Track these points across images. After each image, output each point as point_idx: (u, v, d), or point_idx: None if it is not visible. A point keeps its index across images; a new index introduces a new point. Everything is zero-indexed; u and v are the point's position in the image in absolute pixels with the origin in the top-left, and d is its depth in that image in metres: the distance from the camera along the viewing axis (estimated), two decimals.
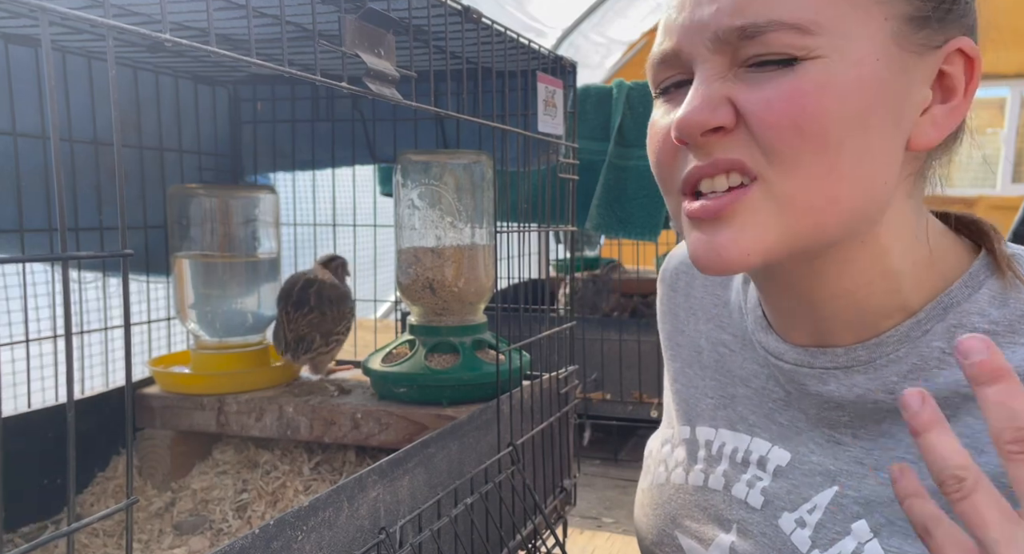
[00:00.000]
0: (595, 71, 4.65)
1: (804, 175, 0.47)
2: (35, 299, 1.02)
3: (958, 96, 0.49)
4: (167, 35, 0.43)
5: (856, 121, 0.47)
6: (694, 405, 0.67)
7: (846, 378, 0.53)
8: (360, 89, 0.59)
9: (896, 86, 0.47)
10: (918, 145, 0.49)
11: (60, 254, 0.37)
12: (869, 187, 0.48)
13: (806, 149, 0.47)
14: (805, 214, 0.48)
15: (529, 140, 0.94)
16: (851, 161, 0.47)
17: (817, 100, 0.46)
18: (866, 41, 0.47)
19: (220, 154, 1.24)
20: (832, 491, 0.53)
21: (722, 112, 0.48)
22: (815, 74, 0.46)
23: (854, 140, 0.47)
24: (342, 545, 0.62)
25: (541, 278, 2.66)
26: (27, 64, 0.93)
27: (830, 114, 0.46)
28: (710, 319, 0.67)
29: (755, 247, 0.49)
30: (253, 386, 1.04)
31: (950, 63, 0.48)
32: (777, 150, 0.47)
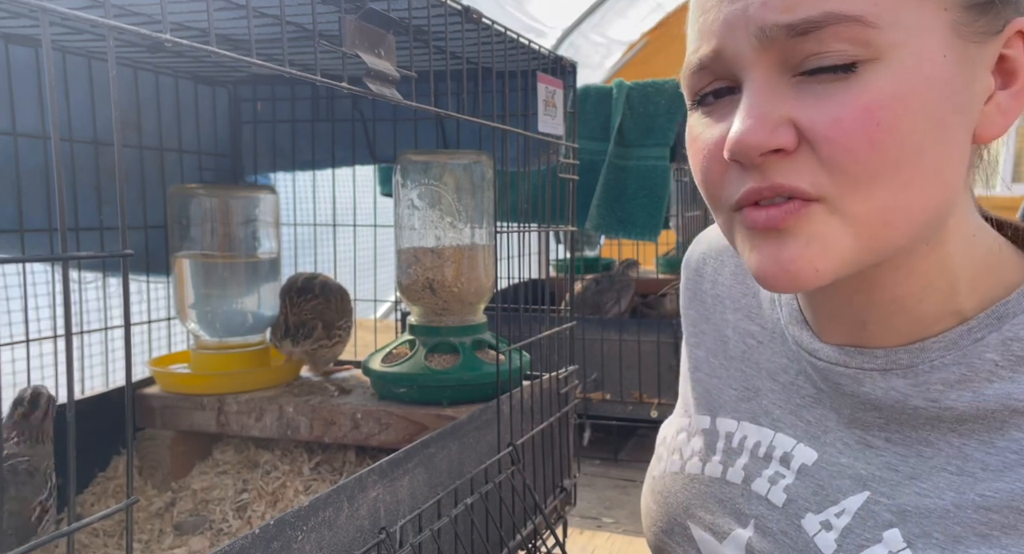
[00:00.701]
0: (595, 71, 4.65)
1: (879, 194, 0.44)
2: (35, 299, 1.02)
3: (1020, 79, 0.46)
4: (167, 35, 0.43)
5: (932, 125, 0.43)
6: (716, 395, 0.65)
7: (883, 380, 0.51)
8: (360, 89, 0.59)
9: (963, 80, 0.44)
10: (986, 136, 0.46)
11: (60, 254, 0.37)
12: (943, 190, 0.45)
13: (884, 166, 0.43)
14: (878, 230, 0.45)
15: (529, 140, 0.94)
16: (930, 169, 0.44)
17: (892, 111, 0.42)
18: (931, 35, 0.43)
19: (220, 154, 1.24)
20: (863, 496, 0.51)
21: (782, 133, 0.44)
22: (884, 80, 0.42)
23: (933, 146, 0.44)
24: (342, 545, 0.62)
25: (541, 278, 2.66)
26: (27, 64, 0.93)
27: (907, 124, 0.42)
28: (739, 309, 0.65)
29: (827, 263, 0.45)
30: (253, 386, 1.04)
31: (1011, 46, 0.46)
32: (849, 172, 0.43)
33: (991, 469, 0.47)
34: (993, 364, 0.47)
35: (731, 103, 0.47)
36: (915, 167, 0.43)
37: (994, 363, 0.47)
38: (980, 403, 0.47)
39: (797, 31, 0.42)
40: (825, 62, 0.43)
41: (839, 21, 0.42)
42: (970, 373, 0.48)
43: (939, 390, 0.49)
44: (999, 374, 0.47)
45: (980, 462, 0.47)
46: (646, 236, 2.04)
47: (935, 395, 0.49)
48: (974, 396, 0.48)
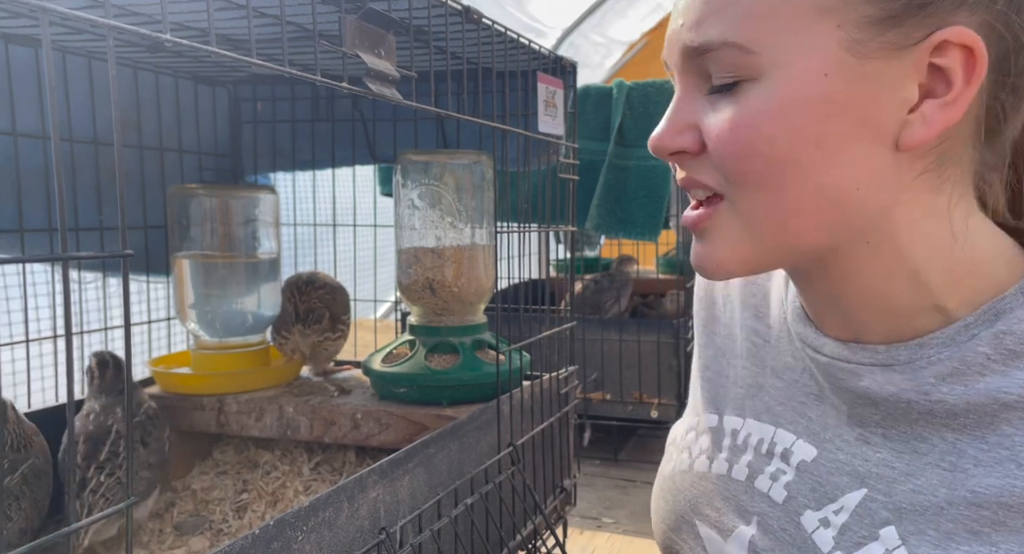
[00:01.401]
0: (595, 71, 4.65)
1: (762, 198, 0.49)
2: (35, 299, 1.02)
3: (955, 89, 0.46)
4: (167, 35, 0.43)
5: (806, 140, 0.47)
6: (724, 393, 0.66)
7: (882, 375, 0.52)
8: (360, 89, 0.59)
9: (857, 95, 0.46)
10: (908, 144, 0.47)
11: (60, 254, 0.37)
12: (840, 198, 0.48)
13: (756, 175, 0.48)
14: (772, 230, 0.50)
15: (529, 140, 0.94)
16: (809, 178, 0.48)
17: (757, 128, 0.47)
18: (811, 56, 0.46)
19: (220, 154, 1.24)
20: (861, 493, 0.52)
21: (685, 137, 0.51)
22: (756, 99, 0.47)
23: (809, 157, 0.47)
24: (342, 545, 0.62)
25: (541, 278, 2.66)
26: (27, 64, 0.93)
27: (774, 139, 0.47)
28: (747, 308, 0.66)
29: (728, 259, 0.52)
30: (253, 386, 1.04)
31: (941, 55, 0.45)
32: (731, 176, 0.49)
33: (983, 465, 0.47)
34: (985, 357, 0.48)
35: None
36: (794, 178, 0.48)
37: (986, 356, 0.48)
38: (971, 397, 0.48)
39: (699, 53, 0.49)
40: (715, 81, 0.49)
41: (722, 47, 0.48)
42: (962, 367, 0.49)
43: (931, 383, 0.50)
44: (991, 368, 0.48)
45: (973, 458, 0.48)
46: (646, 236, 2.04)
47: (927, 388, 0.50)
48: (965, 389, 0.48)
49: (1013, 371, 0.47)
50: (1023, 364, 0.47)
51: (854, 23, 0.45)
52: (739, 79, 0.48)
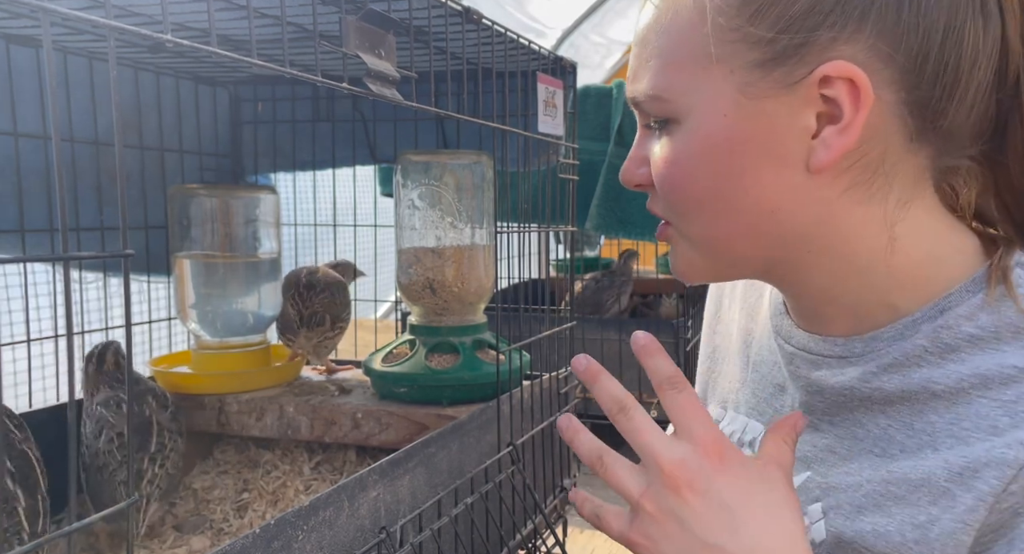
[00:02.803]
0: (595, 71, 4.65)
1: (696, 223, 0.55)
2: (36, 299, 1.02)
3: (846, 117, 0.49)
4: (168, 36, 0.44)
5: (721, 173, 0.52)
6: (713, 388, 0.71)
7: (838, 367, 0.56)
8: (361, 90, 0.60)
9: (758, 129, 0.51)
10: (817, 167, 0.50)
11: (61, 254, 0.38)
12: (766, 218, 0.53)
13: (686, 206, 0.54)
14: (713, 249, 0.56)
15: (529, 140, 0.94)
16: (732, 205, 0.53)
17: (680, 165, 0.53)
18: (713, 100, 0.51)
19: (221, 154, 1.24)
20: (804, 476, 0.56)
21: (642, 172, 0.57)
22: (678, 139, 0.53)
23: (727, 188, 0.52)
24: (342, 545, 0.62)
25: (541, 278, 2.66)
26: (28, 65, 0.93)
27: (695, 174, 0.53)
28: (744, 308, 0.70)
29: (688, 270, 0.58)
30: (254, 386, 1.04)
31: (828, 87, 0.49)
32: (671, 207, 0.56)
33: (907, 450, 0.51)
34: (923, 350, 0.51)
35: None
36: (719, 207, 0.53)
37: (923, 349, 0.51)
38: (905, 386, 0.52)
39: (635, 103, 0.56)
40: (650, 122, 0.56)
41: (646, 99, 0.54)
42: (902, 358, 0.52)
43: (873, 372, 0.53)
44: (927, 360, 0.51)
45: (900, 444, 0.51)
46: (646, 236, 2.05)
47: (868, 377, 0.53)
48: (902, 379, 0.52)
49: (946, 363, 0.50)
50: (956, 357, 0.50)
51: (742, 68, 0.50)
52: (667, 120, 0.54)
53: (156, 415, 0.91)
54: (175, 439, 0.92)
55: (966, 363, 0.50)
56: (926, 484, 0.49)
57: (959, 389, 0.49)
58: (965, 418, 0.49)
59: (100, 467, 0.85)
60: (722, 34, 0.50)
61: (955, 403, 0.49)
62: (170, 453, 0.90)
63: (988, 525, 0.46)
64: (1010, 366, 0.48)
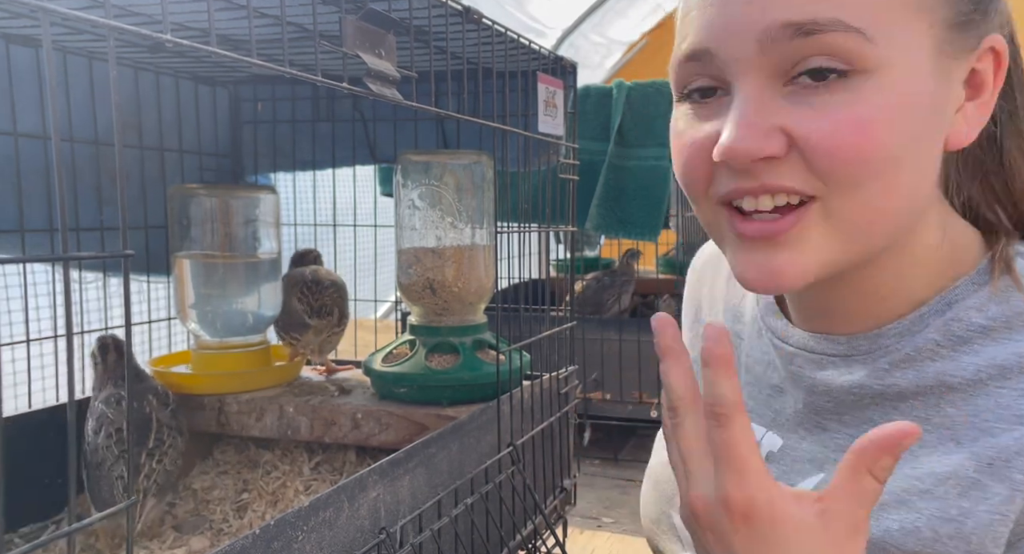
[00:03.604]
0: (595, 71, 4.65)
1: (864, 196, 0.46)
2: (36, 299, 1.02)
3: (987, 92, 0.49)
4: (168, 36, 0.43)
5: (911, 138, 0.46)
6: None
7: (844, 366, 0.54)
8: (361, 89, 0.59)
9: (941, 94, 0.47)
10: (955, 144, 0.49)
11: (61, 254, 0.38)
12: (918, 196, 0.49)
13: (868, 174, 0.45)
14: (861, 231, 0.48)
15: (529, 140, 0.94)
16: (908, 177, 0.47)
17: (881, 126, 0.45)
18: (919, 52, 0.45)
19: (221, 154, 1.24)
20: (818, 478, 0.55)
21: (774, 142, 0.46)
22: (874, 94, 0.44)
23: (910, 156, 0.46)
24: (342, 545, 0.62)
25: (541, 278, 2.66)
26: (28, 64, 0.93)
27: (891, 136, 0.45)
28: (728, 310, 0.68)
29: (812, 267, 0.48)
30: (254, 386, 1.04)
31: (981, 60, 0.48)
32: (836, 177, 0.46)
33: (926, 446, 0.50)
34: (935, 344, 0.51)
35: (718, 104, 0.49)
36: (894, 175, 0.46)
37: (935, 343, 0.51)
38: (920, 381, 0.51)
39: (802, 31, 0.43)
40: (824, 64, 0.44)
41: (842, 29, 0.43)
42: (914, 353, 0.51)
43: (885, 369, 0.52)
44: (940, 353, 0.50)
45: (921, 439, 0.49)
46: (646, 236, 2.05)
47: (881, 374, 0.52)
48: (916, 374, 0.51)
49: (960, 356, 0.50)
50: (969, 349, 0.50)
51: (941, 24, 0.46)
52: (848, 70, 0.44)
53: (156, 412, 0.91)
54: (174, 436, 0.92)
55: (980, 354, 0.49)
56: (953, 476, 0.48)
57: (976, 381, 0.49)
58: (986, 409, 0.48)
59: (99, 463, 0.86)
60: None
61: (973, 395, 0.49)
62: (168, 449, 0.90)
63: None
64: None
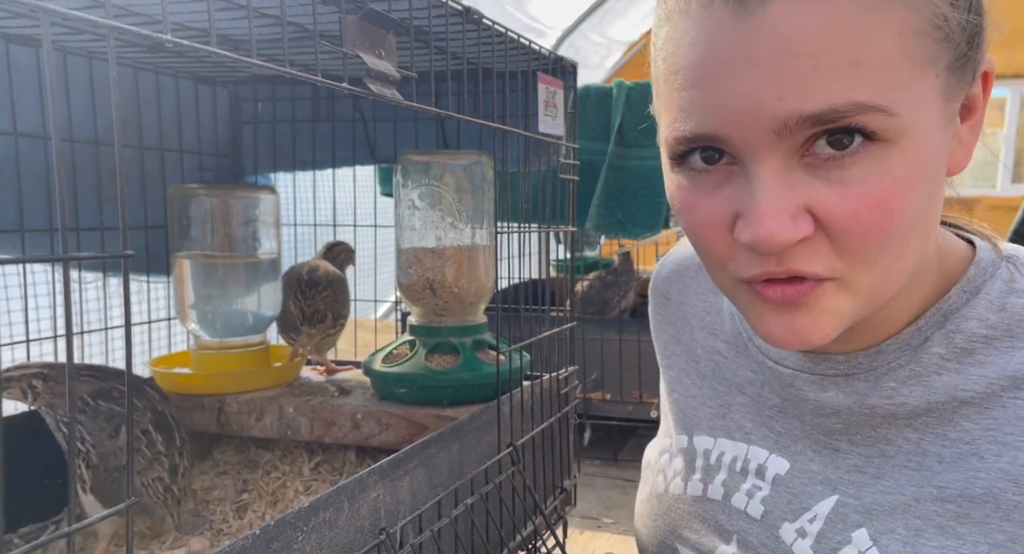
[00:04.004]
0: (595, 71, 4.65)
1: (882, 265, 0.45)
2: (35, 299, 1.02)
3: (978, 113, 0.48)
4: (168, 36, 0.43)
5: (928, 197, 0.45)
6: (692, 414, 0.66)
7: (847, 385, 0.53)
8: (361, 90, 0.59)
9: (946, 139, 0.46)
10: (955, 170, 0.48)
11: (61, 255, 0.37)
12: (928, 242, 0.48)
13: (890, 246, 0.44)
14: (878, 292, 0.47)
15: (529, 140, 0.94)
16: (922, 234, 0.46)
17: (903, 197, 0.43)
18: (929, 108, 0.44)
19: (221, 154, 1.24)
20: (833, 500, 0.53)
21: (802, 224, 0.44)
22: (898, 163, 0.43)
23: (925, 213, 0.45)
24: (342, 545, 0.62)
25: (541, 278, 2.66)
26: (28, 64, 0.93)
27: (912, 205, 0.44)
28: (704, 327, 0.66)
29: (835, 329, 0.47)
30: (253, 386, 1.04)
31: (975, 86, 0.47)
32: (859, 254, 0.44)
33: (946, 461, 0.49)
34: (939, 357, 0.50)
35: (728, 173, 0.46)
36: (913, 239, 0.45)
37: (940, 356, 0.50)
38: (930, 396, 0.50)
39: (822, 121, 0.41)
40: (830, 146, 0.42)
41: (862, 111, 0.41)
42: (919, 369, 0.51)
43: (892, 388, 0.51)
44: (945, 366, 0.50)
45: (936, 455, 0.49)
46: (646, 236, 2.04)
47: (889, 392, 0.51)
48: (924, 390, 0.50)
49: (966, 368, 0.49)
50: (974, 360, 0.49)
51: (944, 72, 0.44)
52: (874, 139, 0.42)
53: (167, 409, 0.92)
54: (184, 432, 0.93)
55: (987, 365, 0.48)
56: (991, 499, 0.46)
57: (990, 393, 0.48)
58: (1005, 423, 0.47)
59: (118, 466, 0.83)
60: (933, 32, 0.43)
61: (988, 407, 0.48)
62: (186, 446, 0.91)
63: None
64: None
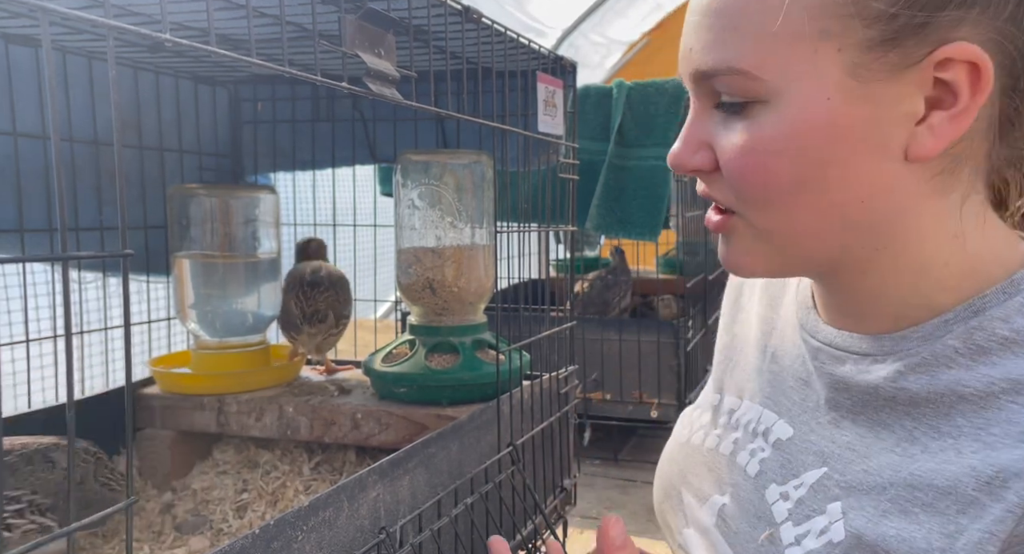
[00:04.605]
0: (595, 71, 4.65)
1: (773, 215, 0.51)
2: (35, 299, 1.02)
3: (961, 102, 0.47)
4: (167, 35, 0.43)
5: (812, 162, 0.48)
6: (730, 376, 0.70)
7: (864, 364, 0.54)
8: (360, 89, 0.59)
9: (860, 116, 0.48)
10: (918, 155, 0.48)
11: (60, 254, 0.37)
12: (853, 211, 0.50)
13: (766, 197, 0.50)
14: (787, 244, 0.52)
15: (529, 140, 0.94)
16: (817, 198, 0.49)
17: (766, 153, 0.49)
18: (814, 81, 0.47)
19: (220, 154, 1.24)
20: (821, 472, 0.55)
21: (700, 157, 0.53)
22: (765, 123, 0.49)
23: (815, 179, 0.49)
24: (342, 545, 0.62)
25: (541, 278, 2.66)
26: (27, 64, 0.93)
27: (782, 163, 0.49)
28: (765, 296, 0.69)
29: (749, 263, 0.54)
30: (253, 386, 1.04)
31: (946, 70, 0.47)
32: (744, 196, 0.51)
33: (929, 452, 0.49)
34: (953, 350, 0.50)
35: None
36: (803, 199, 0.50)
37: (954, 350, 0.50)
38: (933, 387, 0.50)
39: (707, 77, 0.51)
40: (724, 99, 0.51)
41: (729, 73, 0.49)
42: (931, 358, 0.51)
43: (899, 372, 0.52)
44: (957, 361, 0.50)
45: (923, 445, 0.50)
46: (646, 236, 2.04)
47: (895, 377, 0.52)
48: (930, 380, 0.50)
49: (978, 366, 0.49)
50: (988, 360, 0.49)
51: (855, 47, 0.46)
52: (747, 101, 0.49)
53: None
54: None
55: (997, 366, 0.48)
56: (953, 492, 0.47)
57: (989, 393, 0.48)
58: (995, 423, 0.47)
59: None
60: (832, 8, 0.46)
61: (984, 407, 0.48)
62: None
63: (1016, 535, 0.44)
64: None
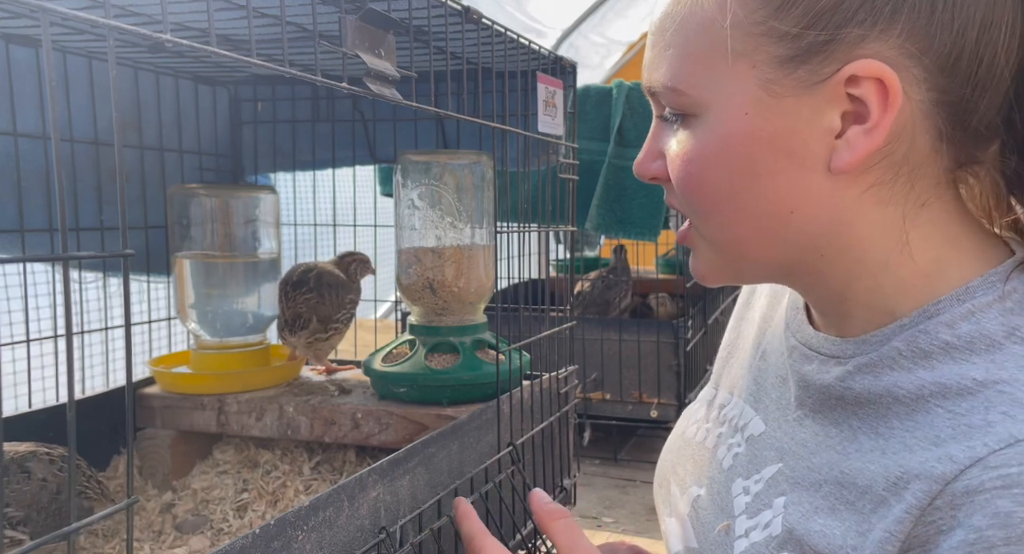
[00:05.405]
0: (595, 71, 4.65)
1: (714, 222, 0.54)
2: (36, 299, 1.02)
3: (872, 117, 0.48)
4: (168, 35, 0.44)
5: (740, 172, 0.51)
6: (728, 373, 0.71)
7: (825, 365, 0.55)
8: (360, 89, 0.60)
9: (777, 129, 0.50)
10: (838, 168, 0.49)
11: (61, 254, 0.38)
12: (782, 221, 0.52)
13: (703, 204, 0.54)
14: (729, 250, 0.55)
15: (529, 140, 0.94)
16: (748, 206, 0.52)
17: (698, 162, 0.52)
18: (734, 96, 0.50)
19: (220, 154, 1.24)
20: (776, 467, 0.56)
21: (656, 165, 0.57)
22: (697, 135, 0.52)
23: (745, 187, 0.52)
24: (342, 545, 0.62)
25: (541, 278, 2.66)
26: (28, 64, 0.93)
27: (712, 172, 0.52)
28: (771, 294, 0.70)
29: (707, 273, 0.58)
30: (253, 386, 1.04)
31: (855, 86, 0.47)
32: (688, 205, 0.55)
33: (862, 451, 0.50)
34: (897, 353, 0.51)
35: None
36: (736, 206, 0.52)
37: (898, 352, 0.50)
38: (873, 388, 0.51)
39: (651, 93, 0.56)
40: (666, 113, 0.55)
41: (663, 89, 0.53)
42: (877, 359, 0.51)
43: (849, 373, 0.53)
44: (900, 364, 0.50)
45: (859, 445, 0.51)
46: (646, 236, 2.05)
47: (843, 376, 0.53)
48: (872, 381, 0.51)
49: (917, 369, 0.49)
50: (928, 364, 0.49)
51: (765, 63, 0.49)
52: (685, 114, 0.53)
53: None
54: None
55: (934, 371, 0.48)
56: (869, 491, 0.48)
57: (919, 396, 0.48)
58: (920, 426, 0.47)
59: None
60: (745, 27, 0.49)
61: (915, 410, 0.48)
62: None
63: (915, 537, 0.44)
64: (970, 378, 0.46)
